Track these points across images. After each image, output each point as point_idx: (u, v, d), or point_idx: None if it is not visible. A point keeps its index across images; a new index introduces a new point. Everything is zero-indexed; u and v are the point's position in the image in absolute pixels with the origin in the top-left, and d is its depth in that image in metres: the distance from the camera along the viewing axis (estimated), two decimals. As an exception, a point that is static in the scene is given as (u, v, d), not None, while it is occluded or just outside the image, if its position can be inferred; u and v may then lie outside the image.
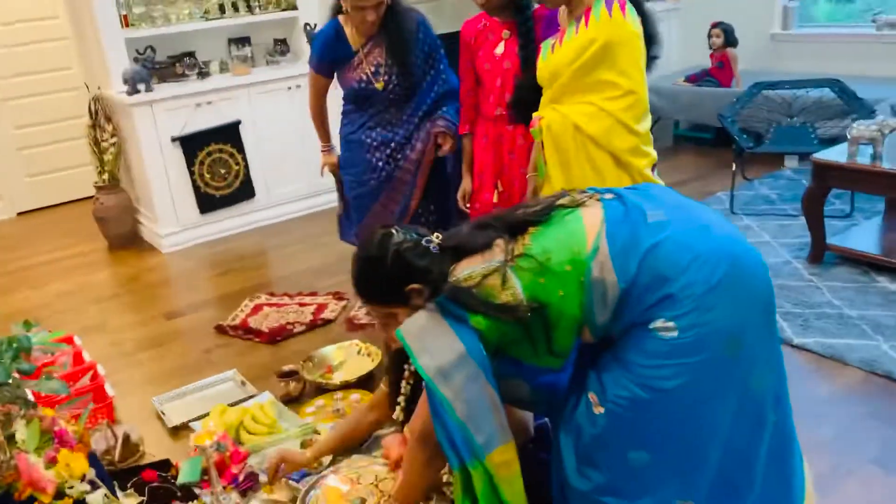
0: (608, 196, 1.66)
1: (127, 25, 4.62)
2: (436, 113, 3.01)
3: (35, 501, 1.40)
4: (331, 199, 5.21)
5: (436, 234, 1.73)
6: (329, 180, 5.16)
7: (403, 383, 2.13)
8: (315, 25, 4.99)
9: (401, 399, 2.14)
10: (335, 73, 3.03)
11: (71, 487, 1.44)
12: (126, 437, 2.54)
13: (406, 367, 2.12)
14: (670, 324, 1.48)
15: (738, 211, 4.35)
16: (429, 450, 1.65)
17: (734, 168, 4.41)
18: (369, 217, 3.07)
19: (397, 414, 2.15)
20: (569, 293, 1.54)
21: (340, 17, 2.90)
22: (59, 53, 5.74)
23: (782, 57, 6.02)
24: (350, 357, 3.13)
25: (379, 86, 2.89)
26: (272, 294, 3.91)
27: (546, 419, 2.02)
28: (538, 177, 2.52)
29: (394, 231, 1.75)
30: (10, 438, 1.55)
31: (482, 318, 1.55)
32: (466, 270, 1.59)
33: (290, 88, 4.94)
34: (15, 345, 2.46)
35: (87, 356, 3.19)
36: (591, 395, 1.61)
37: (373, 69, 2.88)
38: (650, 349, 1.51)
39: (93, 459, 1.59)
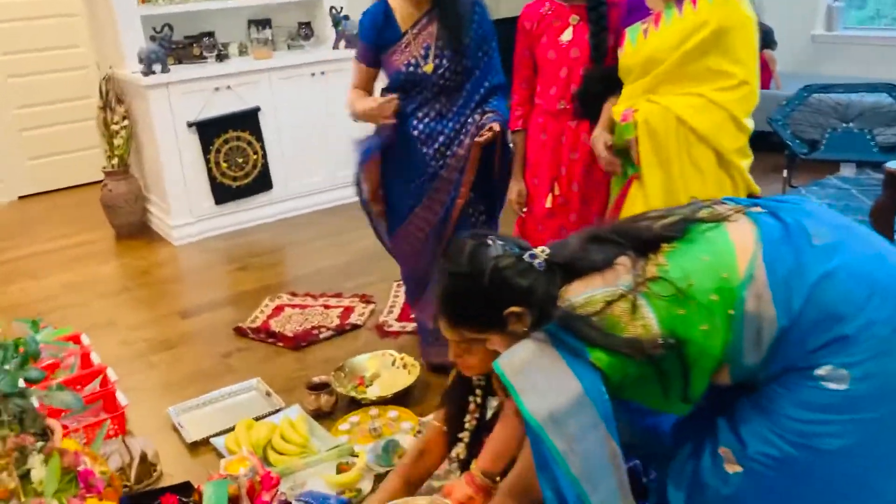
0: (756, 209, 1.40)
1: (143, 2, 4.33)
2: (484, 106, 2.73)
3: (56, 563, 1.14)
4: (352, 193, 4.92)
5: (541, 248, 1.45)
6: (347, 171, 4.91)
7: (468, 417, 1.86)
8: (341, 9, 4.72)
9: (464, 436, 1.87)
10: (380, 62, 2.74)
11: (100, 545, 1.18)
12: (143, 456, 2.27)
13: (472, 398, 1.85)
14: (842, 371, 1.22)
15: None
16: (523, 505, 1.39)
17: (785, 175, 4.16)
18: (409, 223, 2.76)
19: (459, 451, 1.88)
20: (713, 328, 1.28)
21: None
22: (67, 30, 5.44)
23: (823, 60, 5.76)
24: (384, 368, 2.86)
25: (428, 69, 2.60)
26: (294, 294, 3.64)
27: (636, 461, 1.75)
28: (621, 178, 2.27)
29: (489, 241, 1.47)
30: (25, 477, 1.28)
31: (604, 354, 1.28)
32: (584, 294, 1.32)
33: (313, 75, 4.66)
34: (22, 349, 2.21)
35: (95, 358, 2.91)
36: (724, 450, 1.35)
37: (422, 51, 2.60)
38: (811, 401, 1.25)
39: (124, 507, 1.32)
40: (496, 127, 2.56)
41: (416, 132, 2.68)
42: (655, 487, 1.54)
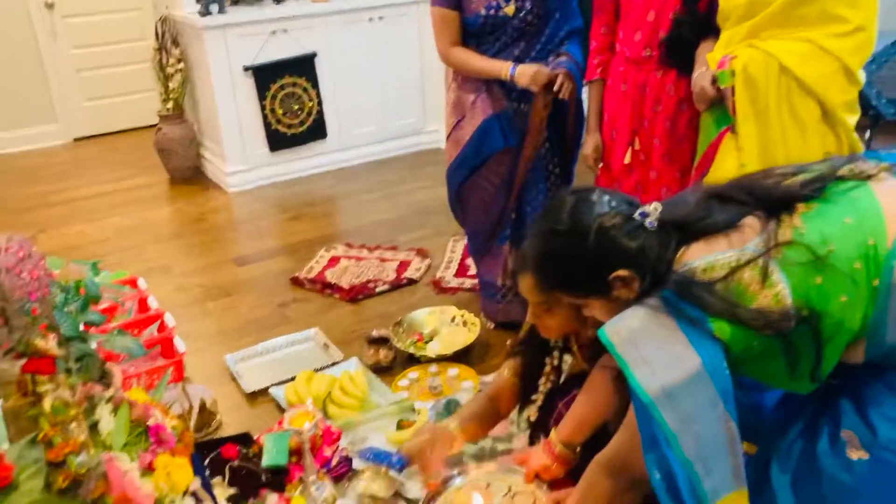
0: None
1: (200, -60, 4.21)
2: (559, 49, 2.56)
3: (128, 520, 1.08)
4: (407, 145, 4.86)
5: (654, 204, 1.31)
6: (401, 122, 4.81)
7: (543, 379, 1.76)
8: (404, -50, 4.55)
9: (537, 398, 1.77)
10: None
11: (172, 503, 1.12)
12: (202, 404, 2.24)
13: (548, 360, 1.75)
14: None
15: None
16: (619, 483, 1.28)
17: (867, 137, 3.92)
18: (479, 174, 2.61)
19: (531, 413, 1.79)
20: (854, 300, 1.15)
21: None
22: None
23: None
24: (443, 325, 2.78)
25: (509, 10, 2.44)
26: (349, 245, 3.57)
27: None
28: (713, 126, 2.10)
29: (593, 197, 1.34)
30: (92, 428, 1.23)
31: (727, 325, 1.15)
32: (705, 258, 1.19)
33: (371, 20, 4.51)
34: (83, 291, 2.17)
35: (153, 302, 2.89)
36: (848, 434, 1.23)
37: None
38: None
39: (196, 464, 1.26)
40: (564, 73, 2.41)
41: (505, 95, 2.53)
42: (751, 469, 1.43)
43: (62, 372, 1.19)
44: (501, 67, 2.46)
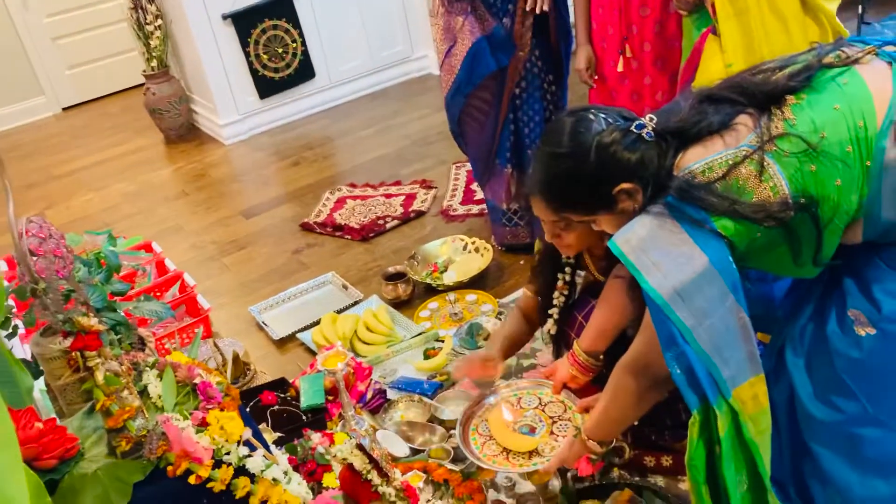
0: (889, 48, 1.26)
1: None
2: None
3: (190, 475, 1.16)
4: (397, 74, 4.81)
5: (648, 115, 1.34)
6: (388, 52, 4.75)
7: (556, 294, 1.82)
8: None
9: (553, 312, 1.84)
10: None
11: (228, 454, 1.20)
12: (235, 356, 2.32)
13: (560, 275, 1.80)
14: None
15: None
16: (644, 382, 1.35)
17: (860, 11, 3.87)
18: (472, 95, 2.61)
19: (549, 327, 1.86)
20: (849, 182, 1.19)
21: None
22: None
23: None
24: (456, 253, 2.84)
25: None
26: (353, 185, 3.60)
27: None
28: (693, 30, 2.10)
29: (590, 116, 1.37)
30: (142, 393, 1.30)
31: (729, 221, 1.20)
32: (702, 160, 1.23)
33: (345, -49, 4.41)
34: (104, 262, 2.23)
35: (170, 264, 2.95)
36: (854, 312, 1.29)
37: None
38: None
39: (244, 415, 1.34)
40: None
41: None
42: (767, 356, 1.50)
43: (107, 345, 1.25)
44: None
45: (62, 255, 1.84)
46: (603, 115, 1.36)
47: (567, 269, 1.83)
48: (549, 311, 1.87)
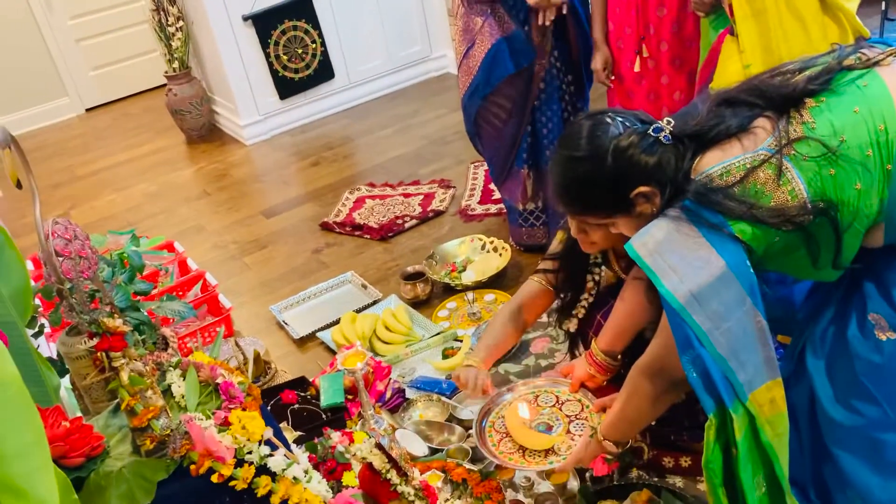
0: None
1: None
2: None
3: (213, 474, 1.18)
4: (416, 74, 4.82)
5: (666, 118, 1.35)
6: (407, 52, 4.77)
7: (585, 294, 1.82)
8: None
9: (578, 311, 1.83)
10: None
11: (250, 453, 1.22)
12: (256, 355, 2.35)
13: (589, 276, 1.80)
14: None
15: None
16: (660, 384, 1.36)
17: (884, 7, 3.82)
18: (490, 100, 2.62)
19: (570, 326, 1.85)
20: (869, 186, 1.18)
21: None
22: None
23: None
24: (475, 253, 2.85)
25: None
26: (372, 185, 3.62)
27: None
28: (711, 30, 2.10)
29: (608, 119, 1.37)
30: (166, 393, 1.33)
31: (747, 225, 1.19)
32: (721, 164, 1.23)
33: (364, -49, 4.43)
34: (127, 262, 2.27)
35: (192, 263, 2.99)
36: (875, 317, 1.28)
37: None
38: None
39: (265, 414, 1.36)
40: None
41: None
42: (787, 359, 1.50)
43: (131, 345, 1.28)
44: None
45: (87, 256, 1.87)
46: (620, 119, 1.36)
47: (596, 270, 1.82)
48: (574, 311, 1.86)
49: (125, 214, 3.85)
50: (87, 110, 5.61)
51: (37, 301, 2.26)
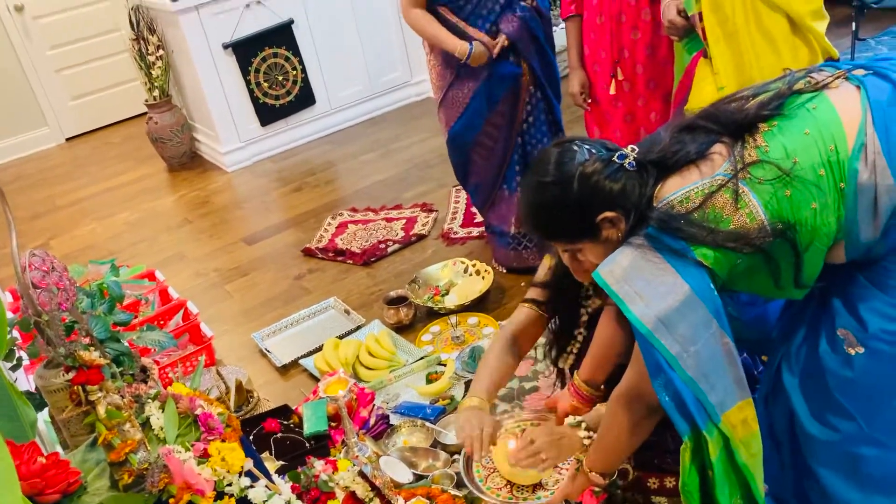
0: (859, 72, 1.28)
1: (159, -79, 4.15)
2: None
3: (191, 505, 1.17)
4: (396, 99, 4.85)
5: (630, 146, 1.37)
6: (387, 77, 4.80)
7: (580, 328, 1.81)
8: None
9: (573, 347, 1.82)
10: None
11: (230, 485, 1.20)
12: (238, 384, 2.33)
13: (583, 310, 1.79)
14: None
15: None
16: (637, 413, 1.36)
17: (853, 28, 3.89)
18: (482, 131, 2.65)
19: (568, 363, 1.84)
20: (824, 205, 1.21)
21: None
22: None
23: None
24: (457, 276, 2.85)
25: None
26: (355, 210, 3.62)
27: (745, 354, 1.71)
28: (685, 53, 2.13)
29: (574, 146, 1.39)
30: (144, 425, 1.31)
31: (709, 250, 1.22)
32: (680, 190, 1.25)
33: (343, -21, 4.47)
34: (107, 293, 2.25)
35: (173, 292, 2.97)
36: (843, 332, 1.30)
37: None
38: None
39: (246, 445, 1.35)
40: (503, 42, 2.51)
41: (484, 32, 2.54)
42: (764, 377, 1.51)
43: (108, 378, 1.26)
44: (455, 45, 2.50)
45: (65, 288, 1.85)
46: (587, 146, 1.39)
47: (588, 302, 1.81)
48: (569, 348, 1.85)
49: (106, 244, 3.82)
50: (68, 139, 5.59)
51: (15, 333, 2.23)
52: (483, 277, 2.78)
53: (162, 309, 2.84)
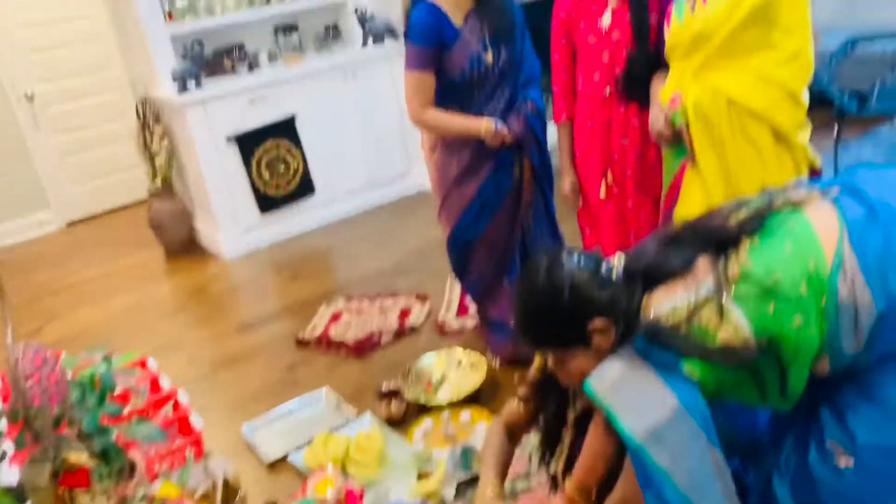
0: (833, 190, 1.35)
1: (170, 19, 4.34)
2: (521, 97, 2.66)
3: None
4: (394, 191, 4.96)
5: (617, 254, 1.42)
6: (386, 170, 4.92)
7: (567, 431, 1.81)
8: (366, 10, 4.68)
9: (562, 449, 1.82)
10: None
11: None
12: (225, 480, 2.30)
13: (569, 412, 1.80)
14: None
15: (843, 179, 3.98)
16: (629, 523, 1.36)
17: (835, 133, 4.03)
18: (491, 224, 2.71)
19: (558, 466, 1.83)
20: (807, 321, 1.24)
21: None
22: (97, 54, 5.50)
23: (860, 9, 5.56)
24: (451, 369, 2.85)
25: (489, 58, 2.54)
26: (349, 298, 3.65)
27: (735, 462, 1.71)
28: (673, 160, 2.21)
29: (563, 256, 1.44)
30: (130, 527, 1.30)
31: (697, 364, 1.25)
32: (667, 303, 1.29)
33: (345, 77, 4.64)
34: (98, 384, 2.24)
35: (164, 381, 2.96)
36: (832, 443, 1.31)
37: (479, 44, 2.55)
38: None
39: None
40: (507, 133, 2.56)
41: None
42: (756, 485, 1.51)
43: (96, 480, 1.26)
44: (480, 124, 2.52)
45: (56, 380, 1.86)
46: (576, 255, 1.43)
47: (577, 405, 1.82)
48: (558, 449, 1.84)
49: (101, 329, 3.83)
50: (69, 224, 5.66)
51: (3, 421, 2.22)
52: (476, 371, 2.78)
53: (153, 399, 2.82)
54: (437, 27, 2.50)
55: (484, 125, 2.52)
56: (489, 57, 2.55)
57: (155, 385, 2.95)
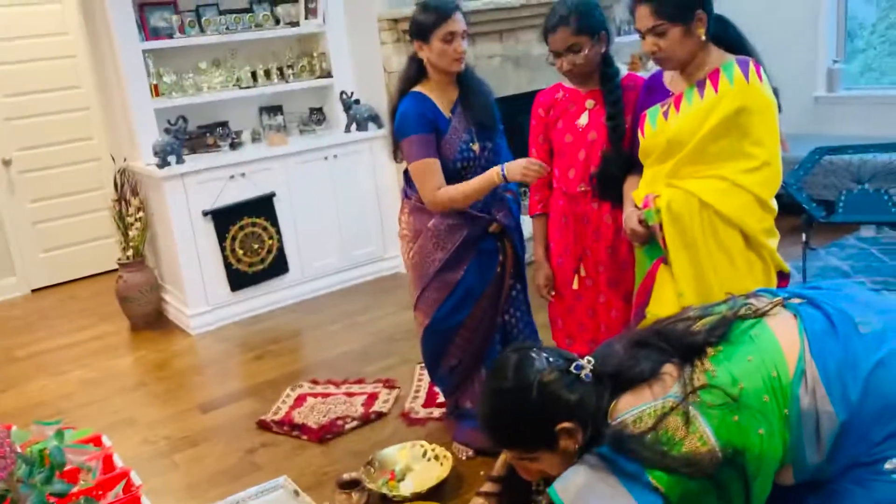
0: (795, 300, 1.37)
1: (157, 95, 4.41)
2: (501, 186, 2.71)
3: None
4: (368, 272, 4.95)
5: (587, 357, 1.41)
6: (361, 251, 4.93)
7: None
8: (352, 94, 4.80)
9: None
10: None
11: None
12: (173, 569, 2.18)
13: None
14: None
15: (811, 285, 4.05)
16: None
17: (804, 239, 4.13)
18: (476, 308, 2.70)
19: None
20: (771, 431, 1.24)
21: (418, 88, 2.62)
22: (78, 123, 5.50)
23: (826, 120, 5.82)
24: (415, 461, 2.77)
25: (476, 148, 2.62)
26: (315, 382, 3.58)
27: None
28: (646, 259, 2.25)
29: (533, 354, 1.43)
30: None
31: (662, 474, 1.24)
32: (633, 410, 1.29)
33: (326, 158, 4.70)
34: (48, 461, 2.15)
35: (118, 460, 2.84)
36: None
37: (465, 134, 2.62)
38: (882, 496, 1.20)
39: None
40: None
41: (476, 210, 2.64)
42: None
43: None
44: (491, 175, 2.49)
45: (4, 455, 1.78)
46: (545, 354, 1.43)
47: (538, 498, 1.79)
48: None
49: (57, 402, 3.70)
50: (33, 291, 5.55)
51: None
52: (441, 464, 2.71)
53: (104, 478, 2.70)
54: (432, 115, 2.57)
55: (493, 174, 2.49)
56: (476, 147, 2.62)
57: (108, 463, 2.83)
